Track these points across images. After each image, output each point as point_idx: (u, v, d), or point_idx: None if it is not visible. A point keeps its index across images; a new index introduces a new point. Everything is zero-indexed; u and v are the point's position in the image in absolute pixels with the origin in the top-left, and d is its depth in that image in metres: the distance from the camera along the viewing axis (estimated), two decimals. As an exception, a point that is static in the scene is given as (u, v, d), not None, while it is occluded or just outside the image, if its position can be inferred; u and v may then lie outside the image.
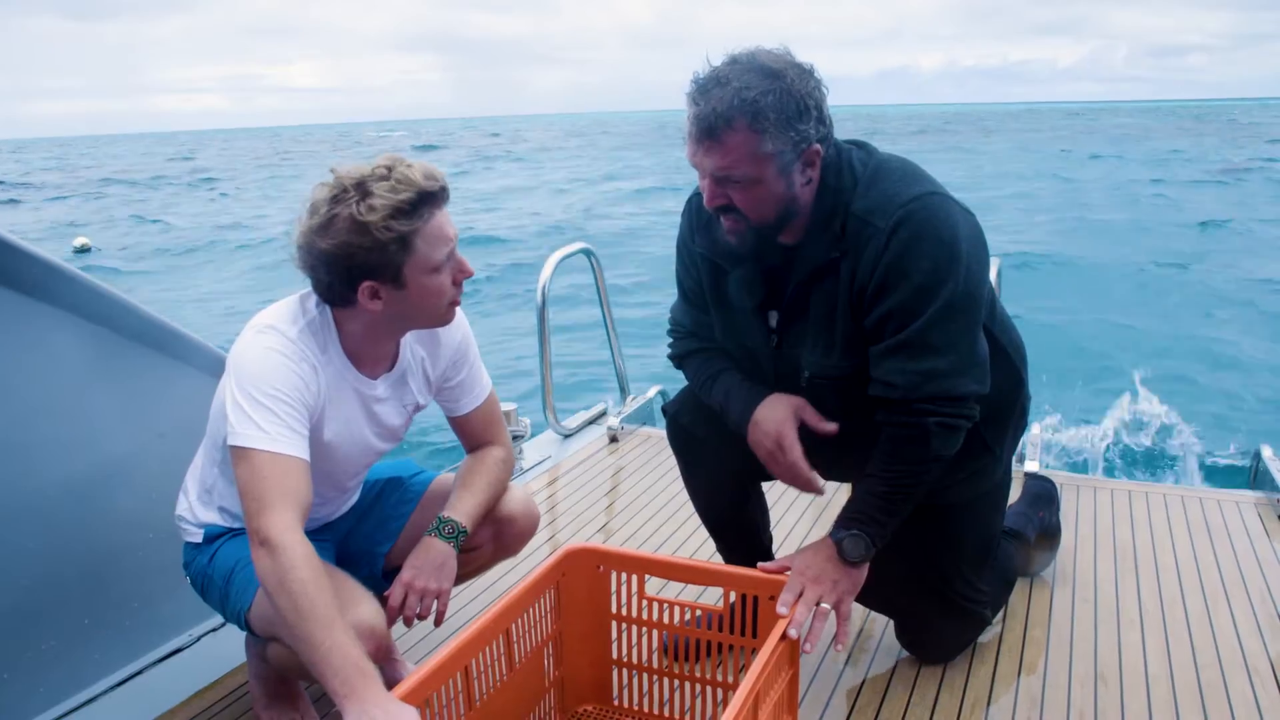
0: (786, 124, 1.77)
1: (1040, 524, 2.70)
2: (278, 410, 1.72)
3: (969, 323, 1.87)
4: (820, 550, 1.95)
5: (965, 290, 1.83)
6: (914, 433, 1.87)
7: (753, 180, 1.80)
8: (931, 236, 1.81)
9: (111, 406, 2.32)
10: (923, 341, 1.82)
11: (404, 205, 1.69)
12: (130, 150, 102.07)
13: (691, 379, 2.21)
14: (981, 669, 2.31)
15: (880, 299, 1.84)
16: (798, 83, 1.78)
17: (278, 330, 1.79)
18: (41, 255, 2.09)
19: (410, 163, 1.75)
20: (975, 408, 1.89)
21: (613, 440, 4.09)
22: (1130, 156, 40.75)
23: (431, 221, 1.74)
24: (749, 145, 1.77)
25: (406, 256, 1.73)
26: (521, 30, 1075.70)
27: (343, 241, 1.69)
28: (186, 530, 2.02)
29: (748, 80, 1.75)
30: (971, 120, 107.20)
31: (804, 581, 1.89)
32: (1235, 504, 3.27)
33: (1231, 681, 2.24)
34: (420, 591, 1.92)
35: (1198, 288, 14.23)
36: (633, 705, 2.12)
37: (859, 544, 1.92)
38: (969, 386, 1.86)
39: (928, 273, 1.81)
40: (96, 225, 26.34)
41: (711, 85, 1.77)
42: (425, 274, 1.76)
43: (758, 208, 1.84)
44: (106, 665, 2.31)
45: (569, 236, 11.90)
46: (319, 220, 1.71)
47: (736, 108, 1.74)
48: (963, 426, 1.89)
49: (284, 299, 1.87)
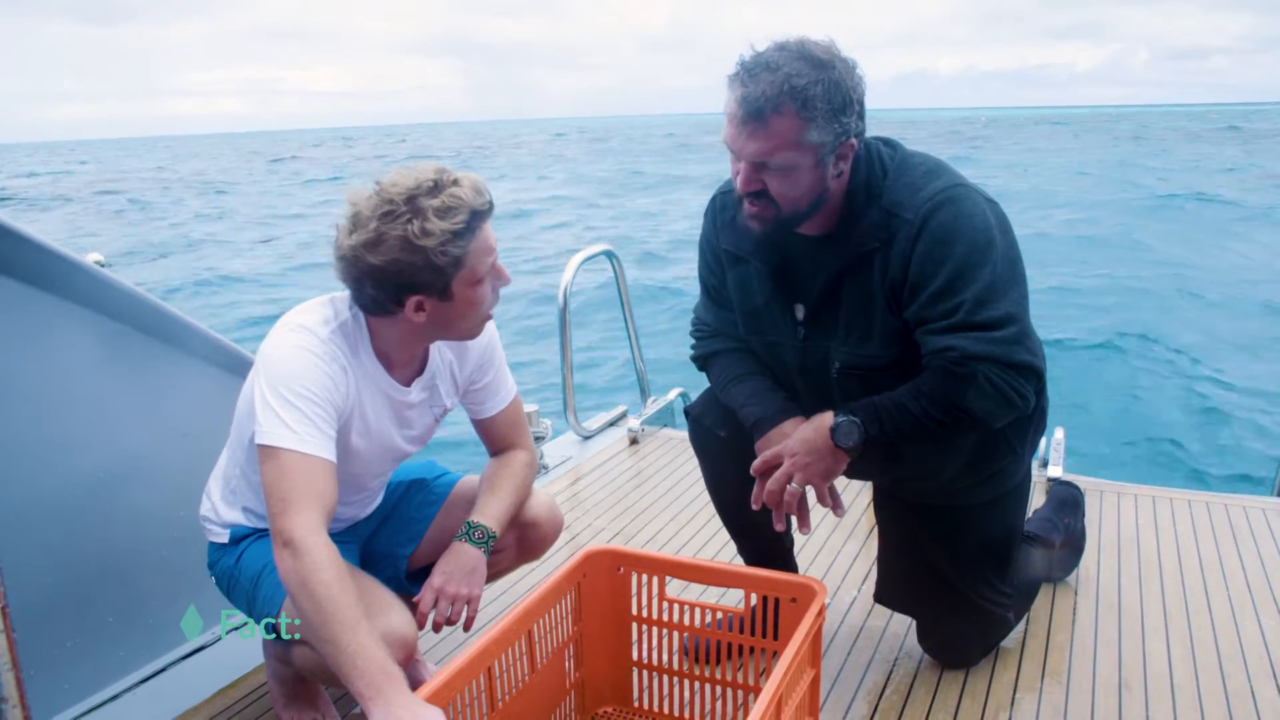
0: (832, 115, 1.77)
1: (1065, 530, 2.69)
2: (307, 410, 1.71)
3: (1017, 297, 1.85)
4: (811, 424, 1.95)
5: (1004, 272, 1.83)
6: (963, 371, 1.80)
7: (791, 167, 1.80)
8: (963, 225, 1.81)
9: (132, 403, 2.34)
10: (970, 320, 1.80)
11: (459, 227, 1.69)
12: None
13: (714, 380, 2.21)
14: (1005, 674, 2.29)
15: (920, 287, 1.83)
16: (845, 76, 1.78)
17: (309, 329, 1.79)
18: (63, 252, 2.10)
19: (456, 176, 1.73)
20: (1029, 388, 1.84)
21: (633, 442, 4.09)
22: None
23: (480, 236, 1.74)
24: (795, 132, 1.76)
25: (456, 272, 1.73)
26: (535, 34, 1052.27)
27: (394, 259, 1.68)
28: (211, 530, 2.03)
29: (798, 68, 1.74)
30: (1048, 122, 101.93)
31: (786, 457, 1.94)
32: (1261, 510, 3.24)
33: (1258, 688, 2.22)
34: (451, 597, 1.91)
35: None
36: (653, 707, 2.12)
37: (853, 432, 1.89)
38: (1023, 355, 1.81)
39: (963, 257, 1.80)
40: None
41: (760, 69, 1.76)
42: (470, 286, 1.76)
43: (791, 196, 1.84)
44: (130, 663, 2.33)
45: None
46: (368, 236, 1.69)
47: (787, 94, 1.73)
48: (1012, 398, 1.82)
49: (316, 298, 1.87)
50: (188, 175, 51.27)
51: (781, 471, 1.95)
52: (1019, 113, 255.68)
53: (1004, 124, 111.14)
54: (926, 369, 1.87)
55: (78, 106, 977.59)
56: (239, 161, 63.59)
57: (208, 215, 29.19)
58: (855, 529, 3.13)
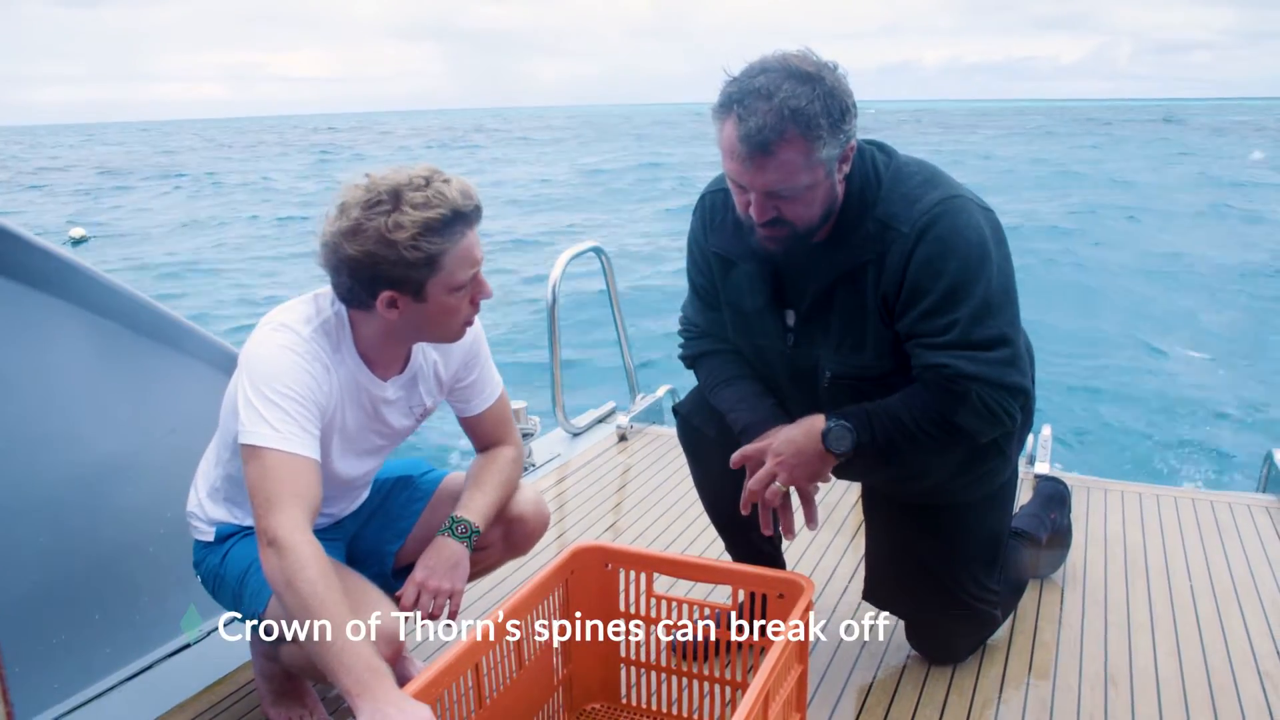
0: (834, 127, 1.73)
1: (1052, 526, 2.70)
2: (290, 409, 1.71)
3: (1010, 316, 1.86)
4: (801, 426, 1.95)
5: (999, 287, 1.83)
6: (955, 388, 1.81)
7: (805, 188, 1.77)
8: (958, 240, 1.81)
9: (119, 400, 2.33)
10: (965, 340, 1.81)
11: (435, 223, 1.68)
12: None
13: (703, 381, 2.21)
14: (991, 670, 2.30)
15: (913, 303, 1.83)
16: (835, 83, 1.74)
17: (291, 328, 1.78)
18: (46, 246, 2.10)
19: (448, 177, 1.73)
20: (1016, 406, 1.86)
21: (622, 439, 4.09)
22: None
23: (462, 242, 1.73)
24: (803, 156, 1.73)
25: (432, 274, 1.72)
26: (521, 21, 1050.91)
27: (368, 251, 1.68)
28: (197, 528, 2.02)
29: (790, 89, 1.70)
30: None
31: (770, 456, 1.95)
32: (1246, 506, 3.26)
33: (1243, 684, 2.23)
34: (434, 591, 1.91)
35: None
36: (641, 703, 2.12)
37: (846, 438, 1.89)
38: (1014, 377, 1.83)
39: (957, 273, 1.80)
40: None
41: (752, 99, 1.71)
42: (447, 292, 1.75)
43: (807, 215, 1.82)
44: (117, 660, 2.32)
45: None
46: (348, 224, 1.69)
47: (789, 119, 1.69)
48: (1000, 417, 1.84)
49: (300, 296, 1.87)
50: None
51: (765, 470, 1.96)
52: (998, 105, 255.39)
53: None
54: (919, 381, 1.88)
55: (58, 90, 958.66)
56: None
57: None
58: (843, 525, 3.14)
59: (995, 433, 1.89)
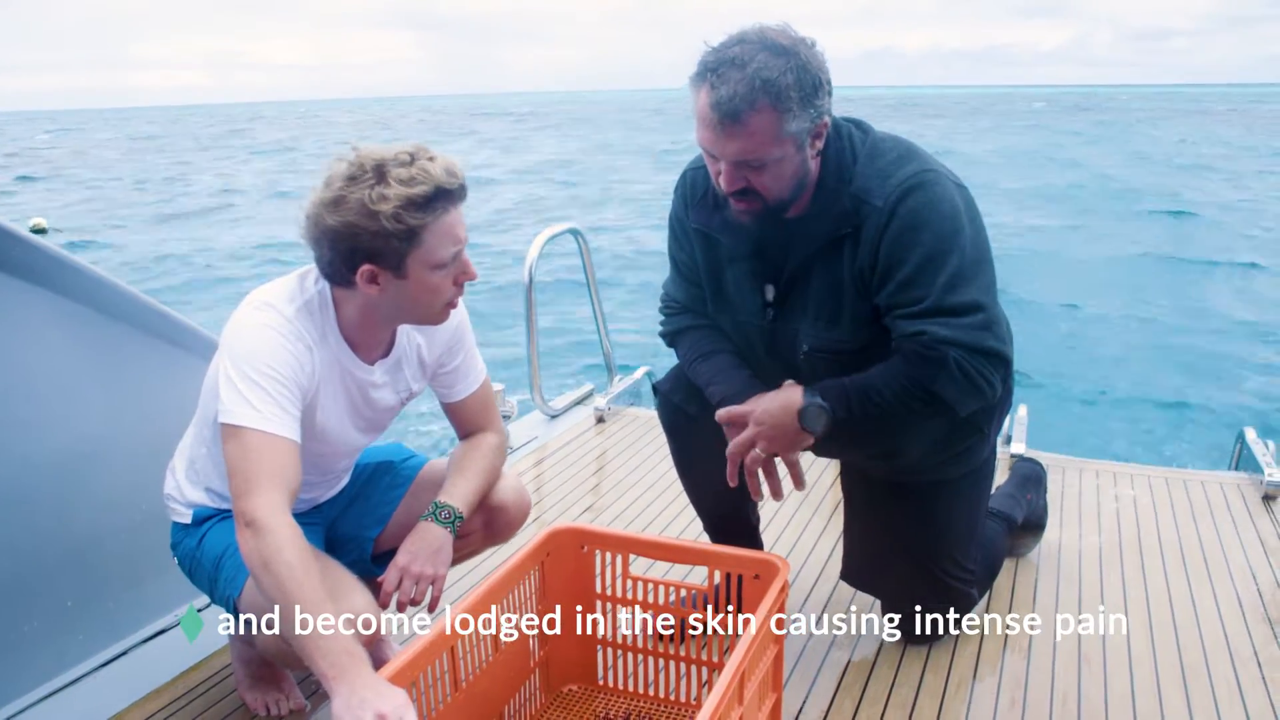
0: (806, 101, 1.76)
1: (1028, 506, 2.71)
2: (271, 389, 1.70)
3: (985, 284, 1.87)
4: (779, 399, 1.95)
5: (973, 258, 1.85)
6: (932, 354, 1.82)
7: (774, 160, 1.79)
8: (931, 212, 1.82)
9: (94, 387, 2.30)
10: (939, 306, 1.82)
11: (418, 198, 1.67)
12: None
13: (682, 357, 2.21)
14: (966, 649, 2.32)
15: (889, 275, 1.85)
16: (810, 58, 1.77)
17: (274, 308, 1.77)
18: (20, 233, 2.07)
19: (433, 154, 1.72)
20: (996, 375, 1.86)
21: (599, 421, 4.09)
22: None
23: (444, 219, 1.72)
24: (773, 126, 1.75)
25: (412, 249, 1.70)
26: (499, 6, 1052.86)
27: (349, 222, 1.67)
28: (174, 510, 2.01)
29: (764, 60, 1.72)
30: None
31: (752, 423, 1.95)
32: (1219, 485, 3.29)
33: (1213, 663, 2.26)
34: (416, 576, 1.90)
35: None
36: (618, 685, 2.13)
37: (821, 417, 1.90)
38: (991, 341, 1.84)
39: (931, 245, 1.82)
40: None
41: (727, 67, 1.73)
42: (428, 269, 1.74)
43: (776, 187, 1.84)
44: (91, 646, 2.30)
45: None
46: (330, 195, 1.68)
47: (760, 89, 1.71)
48: (978, 384, 1.84)
49: (284, 276, 1.85)
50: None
51: (746, 435, 1.97)
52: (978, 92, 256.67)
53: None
54: (897, 352, 1.89)
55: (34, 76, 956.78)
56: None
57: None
58: (820, 505, 3.15)
59: (975, 403, 1.89)
